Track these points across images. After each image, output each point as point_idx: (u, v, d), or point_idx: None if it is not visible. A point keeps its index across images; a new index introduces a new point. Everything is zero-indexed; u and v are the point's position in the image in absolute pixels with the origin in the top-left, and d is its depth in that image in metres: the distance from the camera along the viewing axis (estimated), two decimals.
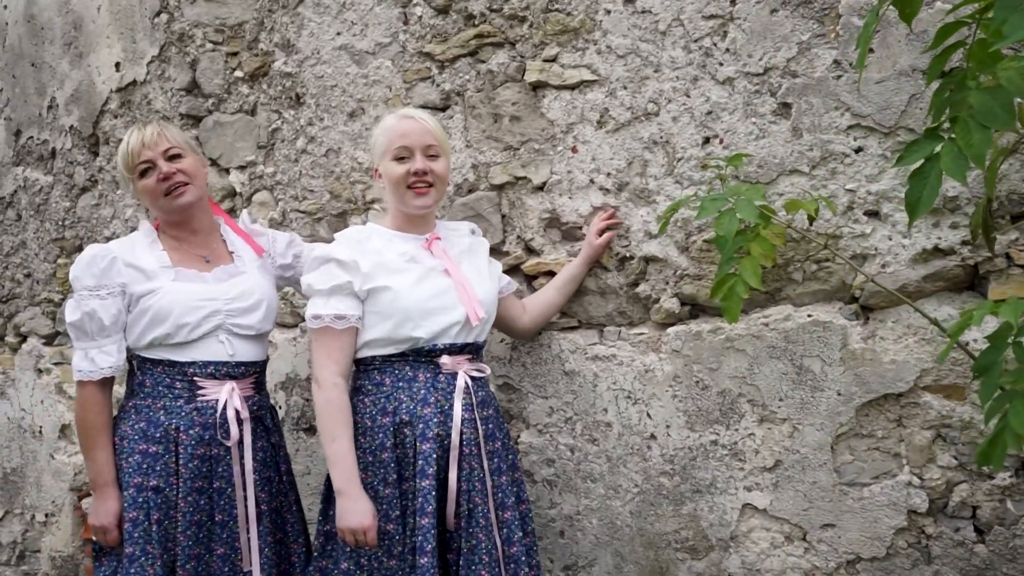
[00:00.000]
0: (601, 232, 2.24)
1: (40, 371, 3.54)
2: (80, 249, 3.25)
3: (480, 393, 2.06)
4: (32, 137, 3.45)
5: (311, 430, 2.75)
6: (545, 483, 2.36)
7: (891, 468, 1.96)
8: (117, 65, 3.08)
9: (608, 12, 2.22)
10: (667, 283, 2.21)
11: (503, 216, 2.42)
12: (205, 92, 2.89)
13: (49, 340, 3.53)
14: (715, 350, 2.12)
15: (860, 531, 1.98)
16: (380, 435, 1.96)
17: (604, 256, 2.27)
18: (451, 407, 1.98)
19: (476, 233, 2.26)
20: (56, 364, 3.36)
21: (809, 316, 2.02)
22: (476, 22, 2.40)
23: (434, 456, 1.93)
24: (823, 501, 2.02)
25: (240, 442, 2.11)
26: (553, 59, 2.30)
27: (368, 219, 2.62)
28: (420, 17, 2.48)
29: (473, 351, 2.08)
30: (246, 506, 2.10)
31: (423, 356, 2.00)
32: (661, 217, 2.07)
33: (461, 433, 1.96)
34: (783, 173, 2.04)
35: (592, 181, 2.28)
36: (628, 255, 2.25)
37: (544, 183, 2.34)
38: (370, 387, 2.02)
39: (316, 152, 2.69)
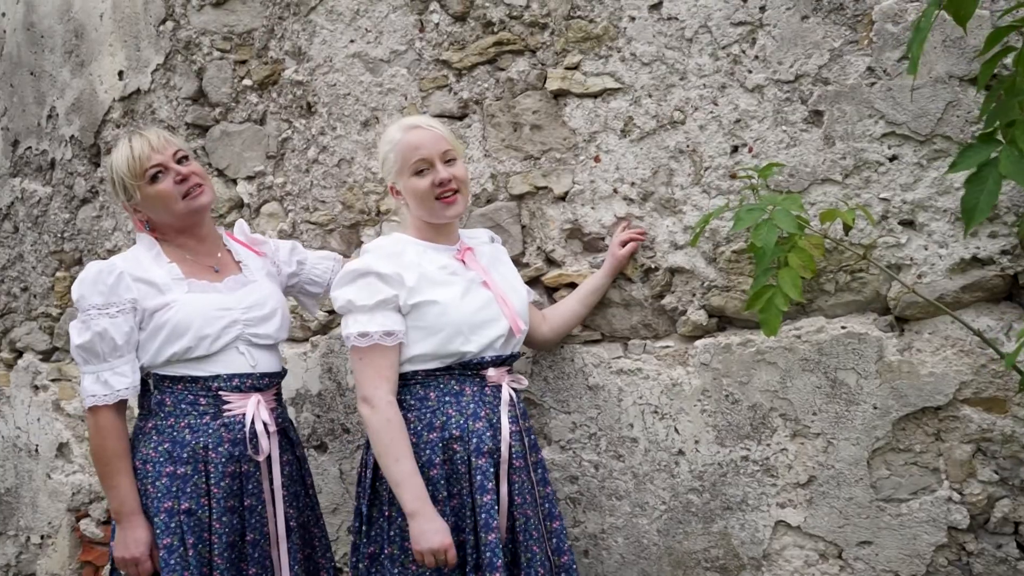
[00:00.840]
0: (625, 243, 2.20)
1: (37, 388, 3.44)
2: (80, 262, 3.18)
3: (520, 405, 2.03)
4: (30, 147, 3.37)
5: (322, 447, 2.68)
6: (568, 501, 2.30)
7: (930, 483, 1.91)
8: (120, 74, 3.01)
9: (632, 19, 2.18)
10: (694, 295, 2.16)
11: (523, 227, 2.37)
12: (212, 101, 2.82)
13: (46, 356, 3.43)
14: (745, 363, 2.07)
15: (899, 548, 1.93)
16: (428, 451, 1.90)
17: (628, 267, 2.22)
18: (498, 420, 1.93)
19: (496, 241, 2.21)
20: (53, 380, 3.26)
21: (843, 328, 1.98)
22: (495, 29, 2.36)
23: (491, 470, 1.88)
24: (860, 518, 1.96)
25: (268, 457, 2.04)
26: (575, 67, 2.26)
27: (382, 230, 2.57)
28: (437, 24, 2.43)
29: (511, 362, 2.04)
30: (275, 522, 2.03)
31: (469, 369, 1.94)
32: (695, 228, 2.02)
33: (510, 446, 1.92)
34: (815, 182, 2.00)
35: (616, 191, 2.23)
36: (653, 266, 2.20)
37: (566, 193, 2.29)
38: (413, 402, 1.95)
39: (328, 162, 2.63)
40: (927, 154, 1.89)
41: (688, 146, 2.14)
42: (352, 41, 2.56)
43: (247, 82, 2.76)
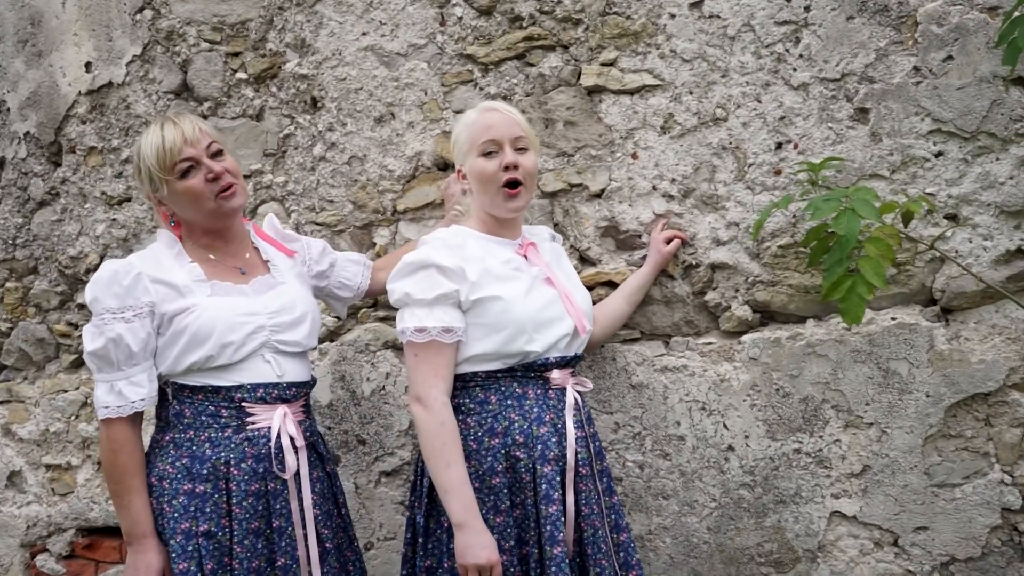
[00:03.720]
0: (668, 240, 2.18)
1: None
2: (36, 271, 2.90)
3: (586, 409, 1.93)
4: None
5: (334, 460, 2.51)
6: None
7: (981, 467, 1.98)
8: (88, 65, 2.77)
9: (672, 16, 2.18)
10: (737, 290, 2.17)
11: (555, 225, 2.32)
12: (199, 95, 2.64)
13: None
14: (795, 356, 2.09)
15: (954, 532, 1.98)
16: (489, 458, 1.79)
17: (670, 264, 2.21)
18: (563, 425, 1.83)
19: (556, 239, 2.15)
20: (3, 402, 2.94)
21: (893, 319, 2.03)
22: (524, 24, 2.31)
23: (557, 479, 1.77)
24: (915, 504, 2.01)
25: (297, 474, 1.87)
26: (612, 63, 2.24)
27: (398, 230, 2.46)
28: (460, 18, 2.36)
29: (576, 364, 1.95)
30: (307, 546, 1.87)
31: (532, 371, 1.84)
32: (755, 222, 2.02)
33: (576, 453, 1.82)
34: (863, 177, 2.05)
35: (655, 188, 2.22)
36: (694, 263, 2.20)
37: (602, 190, 2.26)
38: (472, 406, 1.83)
39: (337, 159, 2.50)
40: (972, 150, 1.97)
41: (731, 143, 2.15)
42: (364, 34, 2.45)
43: (241, 75, 2.59)
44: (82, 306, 2.83)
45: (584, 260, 2.30)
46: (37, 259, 2.90)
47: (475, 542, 1.68)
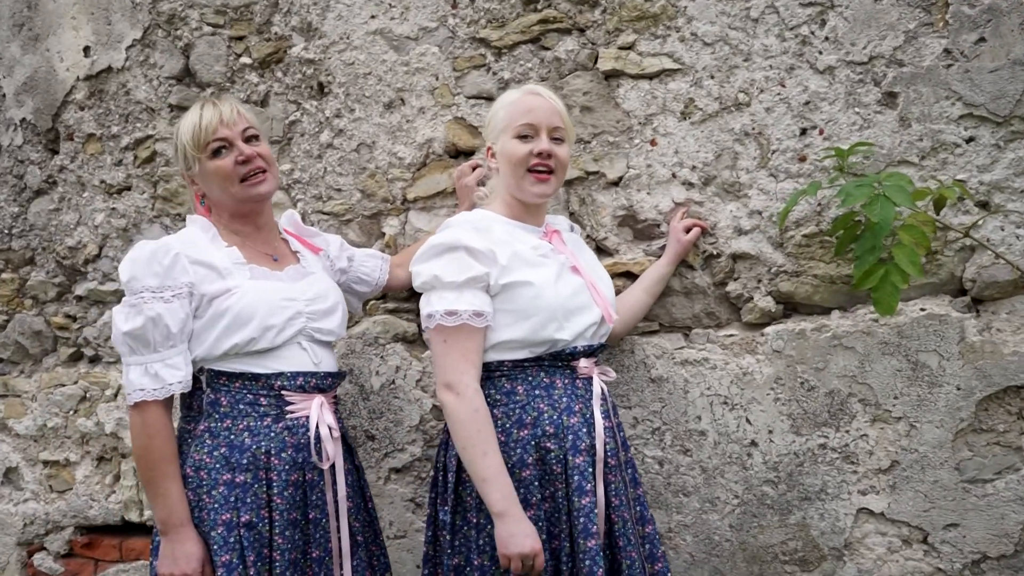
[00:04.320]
0: (689, 229, 2.12)
1: None
2: (32, 262, 2.82)
3: (611, 399, 1.88)
4: None
5: None
6: None
7: (1014, 462, 1.92)
8: (86, 50, 2.69)
9: None
10: (759, 281, 2.11)
11: (571, 213, 2.25)
12: (202, 80, 2.56)
13: None
14: (821, 349, 2.03)
15: (986, 529, 1.93)
16: (519, 450, 1.73)
17: (690, 254, 2.14)
18: (592, 415, 1.77)
19: (575, 230, 2.09)
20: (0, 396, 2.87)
21: (922, 310, 1.97)
22: (538, 6, 2.24)
23: (589, 470, 1.72)
24: (945, 500, 1.95)
25: (332, 465, 1.82)
26: (630, 46, 2.17)
27: (408, 219, 2.39)
28: (472, 1, 2.29)
29: (600, 354, 1.90)
30: (339, 538, 1.82)
31: (560, 360, 1.78)
32: (783, 209, 1.95)
33: (604, 443, 1.76)
34: (891, 163, 1.98)
35: (674, 175, 2.15)
36: (715, 252, 2.13)
37: (620, 178, 2.20)
38: (499, 397, 1.77)
39: (345, 147, 2.42)
40: (1004, 135, 1.91)
41: (754, 128, 2.09)
42: (373, 17, 2.38)
43: (245, 60, 2.51)
44: (80, 298, 2.75)
45: (601, 250, 2.23)
46: (34, 249, 2.82)
47: (517, 530, 1.63)
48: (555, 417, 1.75)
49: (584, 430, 1.75)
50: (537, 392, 1.76)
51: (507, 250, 1.75)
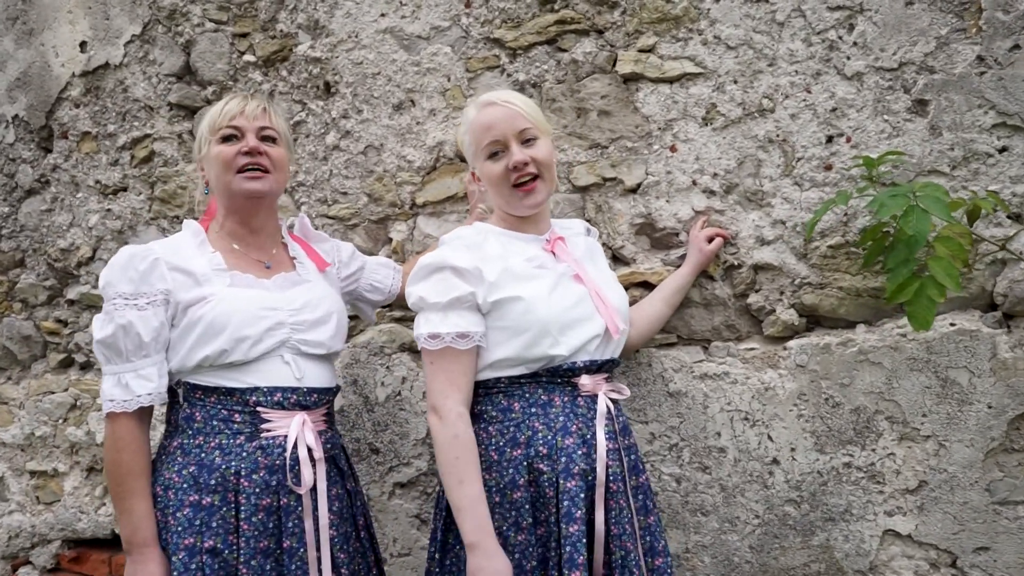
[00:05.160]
0: (711, 238, 2.05)
1: None
2: (22, 264, 2.72)
3: (621, 419, 1.78)
4: None
5: None
6: None
7: None
8: (83, 45, 2.60)
9: (717, 0, 2.05)
10: (782, 293, 2.04)
11: (587, 220, 2.17)
12: (203, 78, 2.47)
13: None
14: (847, 364, 1.96)
15: (1017, 553, 1.86)
16: (511, 471, 1.63)
17: (710, 264, 2.07)
18: (593, 436, 1.68)
19: (592, 233, 2.00)
20: None
21: (952, 325, 1.90)
22: (555, 7, 2.17)
23: (581, 496, 1.61)
24: (975, 523, 1.88)
25: (313, 489, 1.71)
26: (650, 49, 2.10)
27: (416, 224, 2.31)
28: (486, 0, 2.21)
29: (610, 369, 1.80)
30: (319, 570, 1.70)
31: (559, 376, 1.69)
32: (811, 219, 1.88)
33: (607, 467, 1.67)
34: (921, 173, 1.92)
35: (695, 183, 2.08)
36: (736, 263, 2.06)
37: (638, 185, 2.12)
38: (495, 414, 1.69)
39: (352, 149, 2.34)
40: None
41: (778, 135, 2.02)
42: (383, 15, 2.30)
43: (249, 58, 2.43)
44: (72, 302, 2.66)
45: (617, 259, 2.16)
46: (24, 251, 2.72)
47: (488, 566, 1.54)
48: (549, 437, 1.65)
49: (581, 452, 1.65)
50: (533, 410, 1.68)
51: (497, 266, 1.67)
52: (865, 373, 1.95)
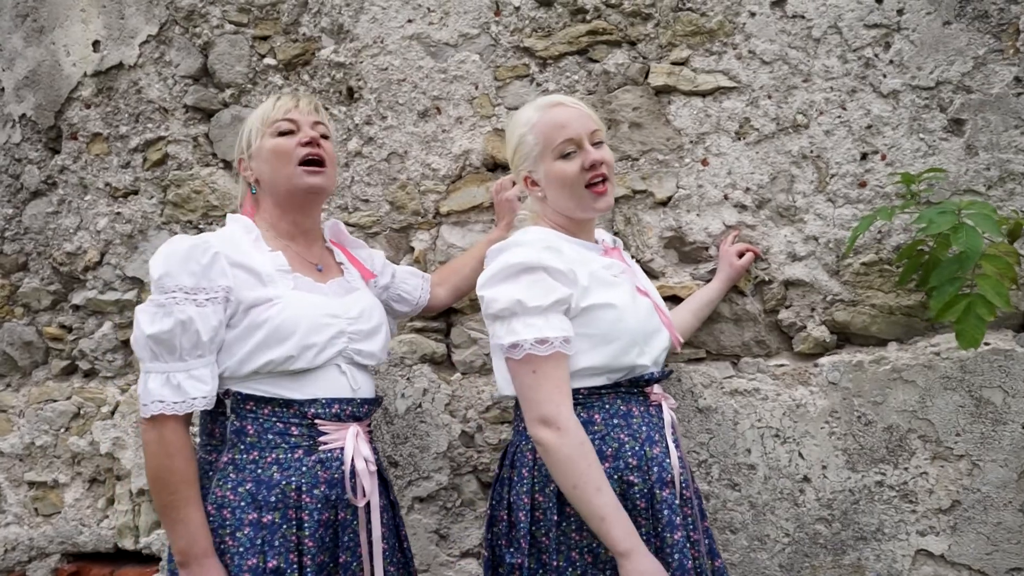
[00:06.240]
0: (742, 253, 2.03)
1: None
2: (26, 267, 2.65)
3: (678, 427, 1.76)
4: None
5: None
6: None
7: None
8: (96, 44, 2.54)
9: (752, 15, 2.04)
10: (813, 309, 2.03)
11: (616, 233, 2.15)
12: (221, 81, 2.42)
13: None
14: (880, 382, 1.95)
15: None
16: None
17: (741, 279, 2.06)
18: (667, 445, 1.64)
19: (618, 244, 1.97)
20: None
21: (987, 344, 1.90)
22: (587, 17, 2.15)
23: (676, 503, 1.58)
24: (1009, 543, 1.87)
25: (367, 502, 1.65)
26: (683, 62, 2.09)
27: (440, 234, 2.27)
28: (518, 8, 2.19)
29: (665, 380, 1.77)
30: None
31: (636, 387, 1.65)
32: (850, 235, 1.87)
33: (679, 474, 1.64)
34: (956, 192, 1.92)
35: (726, 197, 2.07)
36: (767, 279, 2.05)
37: (669, 198, 2.11)
38: None
39: (375, 156, 2.30)
40: None
41: (812, 151, 2.02)
42: (410, 21, 2.27)
43: (270, 61, 2.39)
44: (77, 307, 2.58)
45: (646, 272, 2.12)
46: (28, 254, 2.64)
47: (649, 567, 1.46)
48: (637, 448, 1.60)
49: (668, 461, 1.62)
50: (615, 421, 1.62)
51: (585, 270, 1.61)
52: (898, 391, 1.94)
